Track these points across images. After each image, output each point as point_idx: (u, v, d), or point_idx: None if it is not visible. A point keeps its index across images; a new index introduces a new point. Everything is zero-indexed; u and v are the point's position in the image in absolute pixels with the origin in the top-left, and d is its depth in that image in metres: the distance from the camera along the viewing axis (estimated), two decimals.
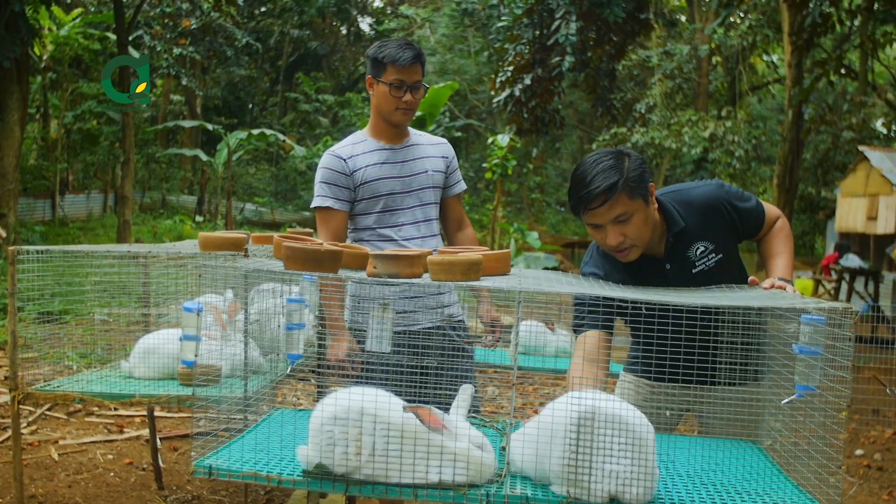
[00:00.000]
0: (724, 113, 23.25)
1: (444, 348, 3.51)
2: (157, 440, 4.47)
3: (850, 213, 20.30)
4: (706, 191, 2.74)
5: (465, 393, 2.37)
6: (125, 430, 5.34)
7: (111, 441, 5.10)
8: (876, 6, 11.81)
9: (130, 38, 15.33)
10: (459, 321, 3.70)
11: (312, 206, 3.54)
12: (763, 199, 2.94)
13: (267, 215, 24.84)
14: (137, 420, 5.50)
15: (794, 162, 16.82)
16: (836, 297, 12.61)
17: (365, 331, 3.47)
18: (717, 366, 2.56)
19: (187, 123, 20.95)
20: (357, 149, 3.55)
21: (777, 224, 2.84)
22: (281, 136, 20.17)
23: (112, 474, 4.57)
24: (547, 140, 23.78)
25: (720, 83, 27.61)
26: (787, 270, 2.78)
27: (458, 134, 26.53)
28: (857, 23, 15.50)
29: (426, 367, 3.25)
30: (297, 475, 2.22)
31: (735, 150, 22.21)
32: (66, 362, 3.96)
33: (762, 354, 2.68)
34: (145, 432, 5.20)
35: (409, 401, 2.71)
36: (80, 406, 5.51)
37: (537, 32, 10.68)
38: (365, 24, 36.37)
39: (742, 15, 19.16)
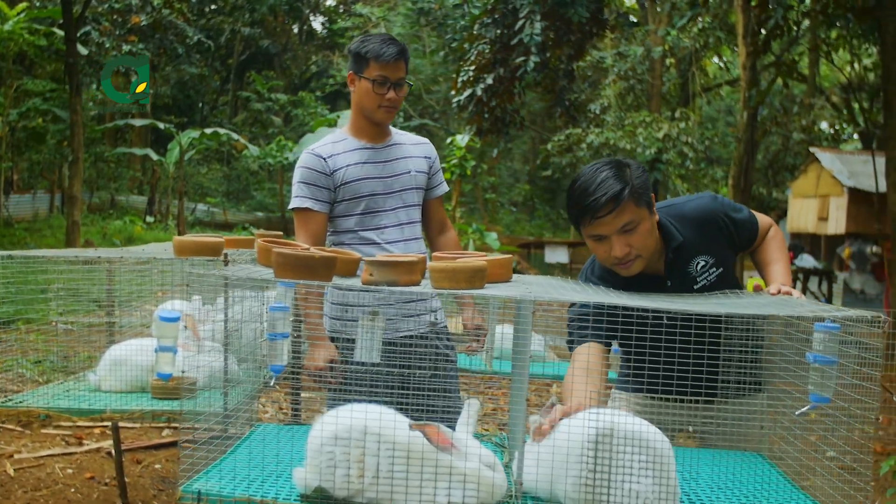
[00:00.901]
0: (677, 114, 23.40)
1: (427, 356, 3.37)
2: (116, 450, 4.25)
3: (801, 214, 20.61)
4: (700, 204, 2.67)
5: (471, 408, 2.23)
6: (84, 441, 5.10)
7: (70, 454, 4.86)
8: (830, 10, 11.93)
9: (78, 34, 14.90)
10: (443, 328, 3.57)
11: (290, 207, 3.38)
12: None
13: (219, 216, 24.44)
14: (97, 431, 5.26)
15: (749, 163, 16.96)
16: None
17: (345, 338, 3.34)
18: (725, 378, 2.47)
19: (138, 122, 20.48)
20: (337, 147, 3.39)
21: (770, 232, 2.79)
22: (234, 136, 19.82)
23: (73, 490, 4.34)
24: (503, 140, 23.73)
25: (672, 84, 27.84)
26: (787, 276, 2.71)
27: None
28: (804, 26, 15.70)
29: (409, 376, 3.12)
30: (294, 499, 2.07)
31: (688, 152, 22.39)
32: (25, 373, 3.74)
33: (766, 364, 2.61)
34: (106, 444, 4.97)
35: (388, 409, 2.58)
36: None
37: (499, 32, 10.58)
38: (317, 22, 36.04)
39: (694, 17, 19.25)
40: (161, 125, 19.07)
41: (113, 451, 4.61)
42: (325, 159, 3.33)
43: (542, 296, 2.06)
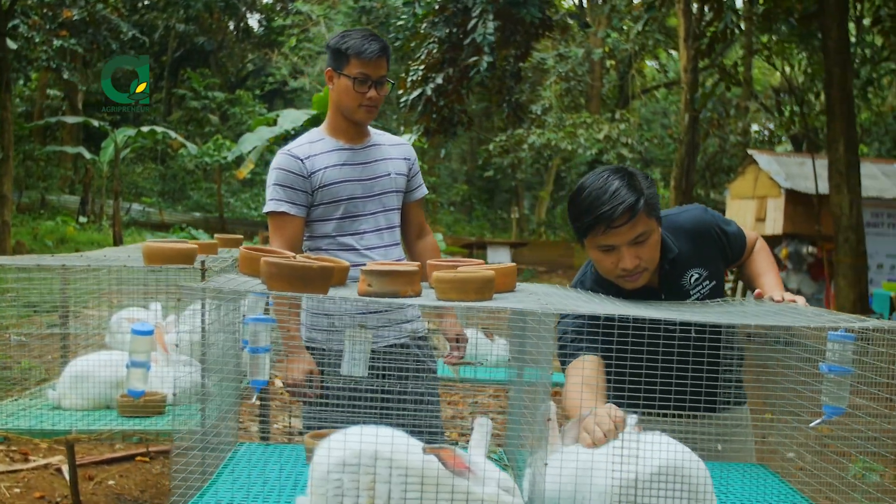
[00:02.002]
0: (617, 116, 23.62)
1: (408, 366, 3.23)
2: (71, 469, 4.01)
3: (739, 215, 20.93)
4: (694, 215, 2.62)
5: (483, 428, 2.09)
6: (30, 457, 4.82)
7: (15, 471, 4.58)
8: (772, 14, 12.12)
9: (6, 28, 14.33)
10: (423, 337, 3.43)
11: (265, 210, 3.21)
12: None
13: (155, 216, 23.81)
14: (43, 445, 4.97)
15: (690, 165, 17.20)
16: (732, 297, 12.88)
17: (324, 349, 3.18)
18: (723, 388, 2.41)
19: (71, 119, 19.81)
20: (315, 148, 3.23)
21: (757, 244, 2.75)
22: (172, 134, 19.33)
23: None
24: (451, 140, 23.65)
25: (612, 86, 28.11)
26: (780, 286, 2.65)
27: None
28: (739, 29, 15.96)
29: (390, 388, 2.98)
30: None
31: (627, 154, 22.60)
32: None
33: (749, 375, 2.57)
34: (54, 459, 4.70)
35: (370, 423, 2.44)
36: None
37: (449, 31, 10.46)
38: (254, 20, 35.46)
39: (649, 20, 19.41)
40: (96, 123, 18.44)
41: (62, 469, 4.37)
42: (302, 161, 3.17)
43: (564, 308, 1.94)
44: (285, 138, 24.13)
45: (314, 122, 20.37)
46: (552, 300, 2.11)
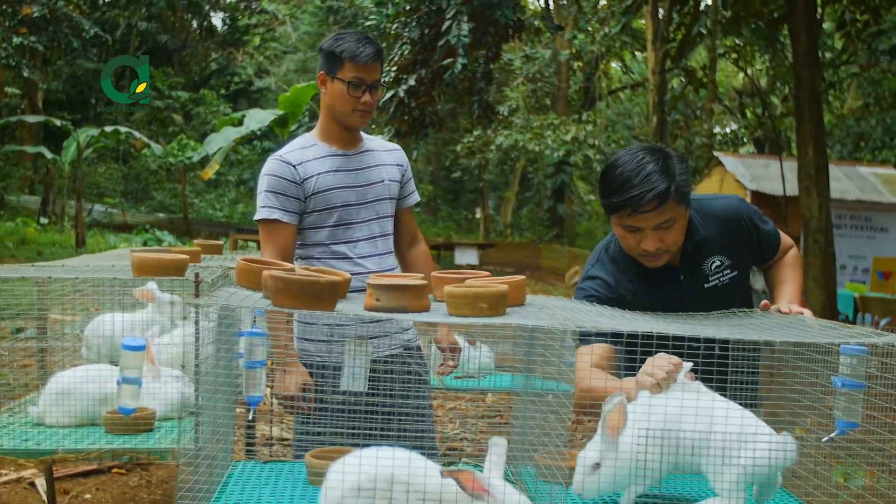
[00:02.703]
0: (584, 117, 23.70)
1: (402, 377, 3.16)
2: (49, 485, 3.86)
3: None
4: (728, 203, 2.61)
5: (498, 448, 2.02)
6: (2, 471, 4.66)
7: None
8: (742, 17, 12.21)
9: None
10: (416, 347, 3.35)
11: (256, 218, 3.11)
12: None
13: (118, 217, 23.43)
14: (30, 465, 4.80)
15: None
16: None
17: (316, 360, 3.09)
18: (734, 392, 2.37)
19: (31, 118, 19.41)
20: (307, 154, 3.14)
21: (790, 252, 2.72)
22: (137, 134, 19.02)
23: None
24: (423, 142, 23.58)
25: (577, 87, 28.19)
26: (797, 296, 2.63)
27: None
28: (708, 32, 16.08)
29: (385, 399, 2.90)
30: None
31: (595, 155, 22.68)
32: None
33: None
34: (27, 473, 4.54)
35: (367, 436, 2.37)
36: None
37: (422, 32, 10.37)
38: (218, 18, 35.06)
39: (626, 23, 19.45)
40: (59, 122, 18.08)
41: (36, 483, 4.23)
42: (294, 167, 3.08)
43: (585, 325, 1.87)
44: (251, 139, 23.94)
45: (281, 122, 20.14)
46: (567, 315, 2.04)
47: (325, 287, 1.96)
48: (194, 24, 34.47)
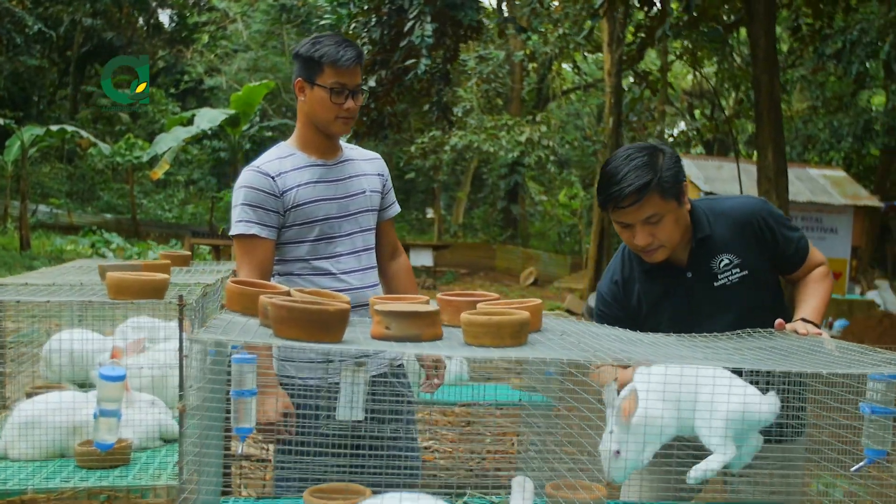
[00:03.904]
0: (538, 118, 23.67)
1: (388, 398, 3.00)
2: None
3: None
4: (744, 203, 2.62)
5: (525, 487, 1.88)
6: None
7: None
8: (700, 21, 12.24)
9: None
10: (400, 366, 3.20)
11: (232, 233, 2.92)
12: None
13: (63, 218, 22.81)
14: None
15: None
16: None
17: (298, 383, 2.92)
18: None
19: None
20: (285, 164, 2.97)
21: (819, 270, 2.66)
22: (83, 133, 18.51)
23: None
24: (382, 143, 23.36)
25: (530, 88, 28.21)
26: (816, 314, 2.53)
27: (270, 134, 25.54)
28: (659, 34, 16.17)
29: (372, 421, 2.74)
30: None
31: (549, 155, 22.69)
32: None
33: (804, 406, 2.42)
34: None
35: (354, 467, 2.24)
36: None
37: (381, 32, 10.20)
38: (165, 16, 34.41)
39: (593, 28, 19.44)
40: (0, 120, 17.52)
41: None
42: (273, 178, 2.91)
43: (622, 359, 1.74)
44: (201, 138, 23.47)
45: (232, 121, 19.80)
46: (587, 342, 1.92)
47: (335, 316, 1.80)
48: (140, 20, 33.81)
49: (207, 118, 18.88)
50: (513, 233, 27.38)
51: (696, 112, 30.15)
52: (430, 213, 30.18)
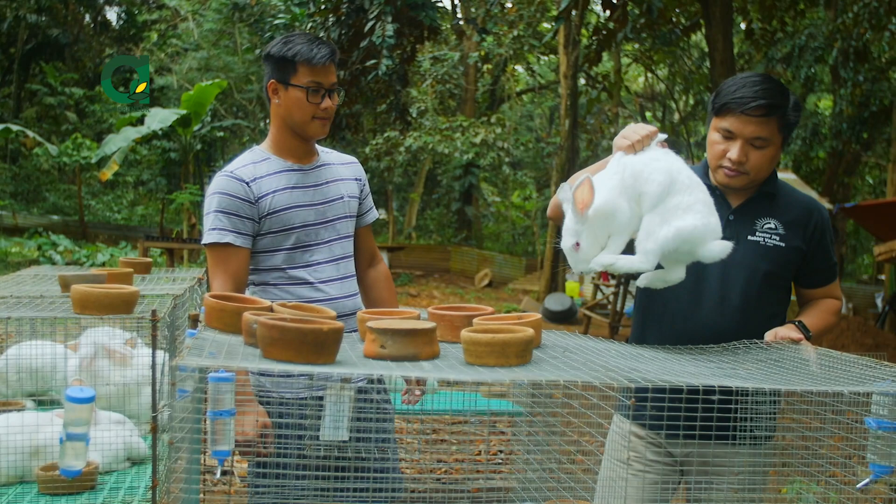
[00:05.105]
0: (493, 120, 23.66)
1: (368, 411, 2.89)
2: None
3: None
4: (811, 199, 2.65)
5: None
6: None
7: None
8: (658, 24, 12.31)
9: None
10: (379, 380, 3.08)
11: (205, 242, 2.78)
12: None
13: (8, 219, 22.20)
14: None
15: (571, 170, 17.36)
16: (615, 301, 13.03)
17: (275, 398, 2.79)
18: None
19: None
20: (259, 170, 2.84)
21: (835, 303, 2.64)
22: (29, 133, 18.03)
23: None
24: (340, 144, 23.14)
25: (484, 90, 28.19)
26: (813, 327, 2.49)
27: (222, 134, 25.15)
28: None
29: (351, 435, 2.62)
30: None
31: (497, 156, 22.68)
32: None
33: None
34: None
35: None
36: None
37: (340, 32, 10.06)
38: (112, 13, 33.74)
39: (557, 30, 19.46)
40: None
41: None
42: (247, 184, 2.77)
43: (640, 381, 1.64)
44: (151, 138, 23.02)
45: (184, 121, 19.42)
46: (590, 359, 1.82)
47: (329, 336, 1.68)
48: (87, 17, 33.10)
49: (158, 118, 18.50)
50: (467, 234, 27.34)
51: (648, 114, 30.47)
52: (382, 214, 30.02)
